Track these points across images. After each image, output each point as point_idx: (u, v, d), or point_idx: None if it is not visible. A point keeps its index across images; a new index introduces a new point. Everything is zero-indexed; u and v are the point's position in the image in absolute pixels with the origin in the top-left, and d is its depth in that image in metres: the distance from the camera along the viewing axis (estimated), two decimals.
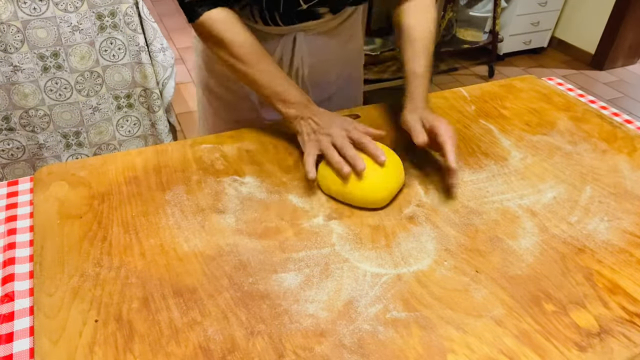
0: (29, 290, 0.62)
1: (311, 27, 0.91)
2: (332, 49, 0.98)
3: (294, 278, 0.62)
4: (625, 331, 0.57)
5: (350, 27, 0.99)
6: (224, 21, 0.80)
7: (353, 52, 1.05)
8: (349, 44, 1.01)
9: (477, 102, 1.02)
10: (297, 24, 0.90)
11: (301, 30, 0.91)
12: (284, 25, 0.89)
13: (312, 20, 0.90)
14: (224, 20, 0.80)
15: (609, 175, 0.82)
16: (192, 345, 0.54)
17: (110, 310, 0.58)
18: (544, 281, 0.63)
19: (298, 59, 0.94)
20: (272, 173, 0.80)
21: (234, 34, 0.80)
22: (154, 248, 0.66)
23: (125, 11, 1.58)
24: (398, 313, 0.58)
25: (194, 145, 0.86)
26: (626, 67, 3.32)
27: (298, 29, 0.91)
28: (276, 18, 0.88)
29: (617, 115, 1.02)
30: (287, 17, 0.88)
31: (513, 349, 0.55)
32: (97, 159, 0.82)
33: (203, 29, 0.81)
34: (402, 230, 0.70)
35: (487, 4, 3.06)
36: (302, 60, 0.95)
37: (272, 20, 0.88)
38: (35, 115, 1.63)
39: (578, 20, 3.31)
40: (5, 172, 1.73)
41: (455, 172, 0.74)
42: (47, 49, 1.54)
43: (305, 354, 0.54)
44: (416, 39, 0.86)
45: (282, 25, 0.89)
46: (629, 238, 0.70)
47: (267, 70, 0.81)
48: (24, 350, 0.55)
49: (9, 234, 0.70)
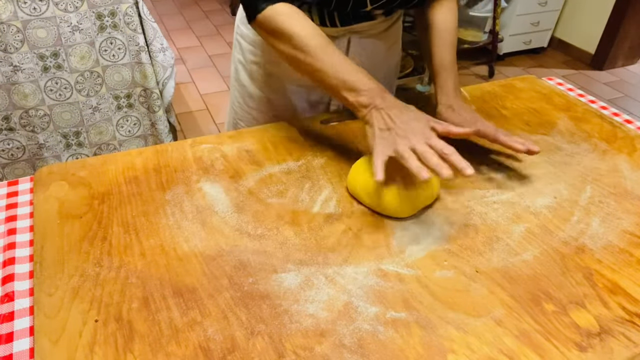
0: (29, 290, 0.62)
1: (365, 29, 0.93)
2: (380, 53, 1.00)
3: (294, 278, 0.62)
4: (625, 331, 0.57)
5: (395, 33, 1.02)
6: (288, 14, 0.78)
7: (394, 59, 1.07)
8: (392, 50, 1.04)
9: (477, 102, 1.02)
10: (353, 25, 0.91)
11: (355, 33, 0.92)
12: (340, 26, 0.90)
13: (367, 22, 0.92)
14: (288, 13, 0.78)
15: (609, 175, 0.82)
16: (192, 345, 0.54)
17: (110, 310, 0.58)
18: (544, 281, 0.63)
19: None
20: (272, 173, 0.80)
21: (299, 26, 0.78)
22: (154, 248, 0.66)
23: (125, 11, 1.58)
24: (398, 313, 0.58)
25: (194, 145, 0.86)
26: (626, 67, 3.32)
27: (352, 30, 0.92)
28: (335, 18, 0.88)
29: (617, 115, 1.02)
30: (346, 17, 0.89)
31: (513, 349, 0.55)
32: (97, 159, 0.82)
33: (266, 23, 0.79)
34: (402, 230, 0.70)
35: (487, 4, 3.06)
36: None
37: (330, 20, 0.89)
38: (35, 115, 1.63)
39: (578, 20, 3.31)
40: (5, 172, 1.73)
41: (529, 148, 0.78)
42: (47, 49, 1.54)
43: (305, 354, 0.54)
44: (444, 30, 0.88)
45: (339, 26, 0.90)
46: (629, 238, 0.70)
47: (335, 59, 0.77)
48: (24, 350, 0.55)
49: (9, 234, 0.70)
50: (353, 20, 0.90)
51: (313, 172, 0.81)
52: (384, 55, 1.02)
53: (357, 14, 0.90)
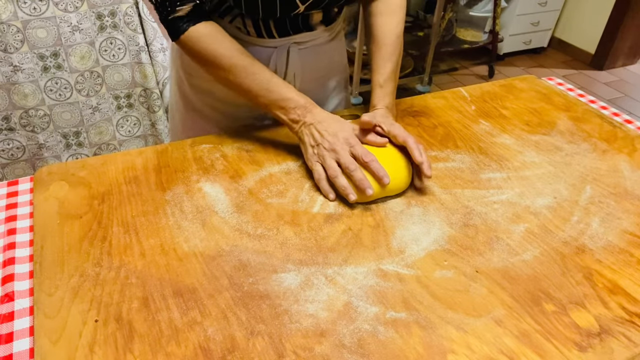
0: (29, 290, 0.62)
1: (305, 40, 0.90)
2: (323, 65, 0.97)
3: (294, 278, 0.62)
4: (625, 331, 0.57)
5: (338, 46, 0.99)
6: (210, 34, 0.78)
7: (340, 64, 1.05)
8: (336, 57, 1.01)
9: (477, 102, 1.02)
10: (292, 35, 0.88)
11: (295, 43, 0.89)
12: (279, 36, 0.87)
13: (307, 32, 0.89)
14: (210, 34, 0.78)
15: (609, 175, 0.82)
16: (192, 345, 0.54)
17: (110, 310, 0.58)
18: (544, 281, 0.63)
19: (291, 73, 0.92)
20: (272, 173, 0.80)
21: (223, 47, 0.78)
22: (154, 248, 0.66)
23: (125, 11, 1.58)
24: (398, 313, 0.58)
25: (194, 145, 0.86)
26: (626, 67, 3.32)
27: (292, 41, 0.89)
28: (271, 28, 0.86)
29: (617, 115, 1.02)
30: (282, 26, 0.86)
31: (513, 349, 0.55)
32: (97, 159, 0.82)
33: (189, 45, 0.79)
34: (402, 230, 0.70)
35: (487, 4, 3.06)
36: (295, 75, 0.93)
37: (267, 31, 0.86)
38: (35, 115, 1.63)
39: (578, 20, 3.32)
40: (5, 172, 1.73)
41: (424, 163, 0.74)
42: (47, 49, 1.54)
43: (305, 354, 0.54)
44: (383, 44, 0.87)
45: (277, 37, 0.87)
46: (629, 238, 0.70)
47: (262, 77, 0.79)
48: (24, 350, 0.55)
49: (9, 234, 0.70)
50: (291, 30, 0.87)
51: None
52: (329, 62, 0.99)
53: (294, 24, 0.87)
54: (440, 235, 0.70)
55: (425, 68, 2.84)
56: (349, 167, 0.73)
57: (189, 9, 0.77)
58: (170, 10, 0.77)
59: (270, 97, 0.79)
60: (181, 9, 0.76)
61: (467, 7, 3.11)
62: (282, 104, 0.79)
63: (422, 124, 0.95)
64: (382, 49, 0.87)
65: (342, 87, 1.07)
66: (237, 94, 0.83)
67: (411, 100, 1.02)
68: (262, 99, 0.80)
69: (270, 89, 0.79)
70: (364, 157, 0.74)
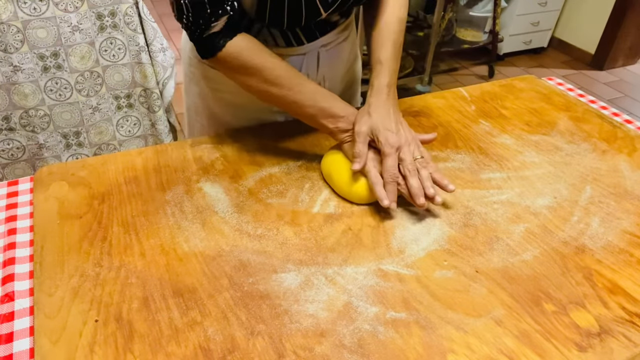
0: (29, 290, 0.62)
1: (331, 40, 0.89)
2: (343, 61, 0.97)
3: (294, 278, 0.62)
4: (625, 331, 0.57)
5: (351, 36, 0.99)
6: (250, 47, 0.74)
7: (356, 65, 1.05)
8: (354, 49, 1.02)
9: (477, 102, 1.02)
10: (319, 38, 0.87)
11: (323, 46, 0.89)
12: (307, 42, 0.86)
13: (331, 31, 0.88)
14: (250, 47, 0.74)
15: (609, 175, 0.82)
16: (192, 345, 0.54)
17: (110, 310, 0.58)
18: (544, 281, 0.63)
19: (321, 76, 0.92)
20: (272, 173, 0.80)
21: (264, 59, 0.75)
22: (154, 248, 0.66)
23: (125, 11, 1.58)
24: (398, 313, 0.58)
25: (194, 145, 0.86)
26: (626, 67, 3.32)
27: (319, 44, 0.88)
28: (299, 36, 0.84)
29: (617, 115, 1.02)
30: (309, 31, 0.85)
31: (513, 349, 0.55)
32: (97, 159, 0.82)
33: (229, 60, 0.74)
34: (402, 230, 0.70)
35: (487, 4, 3.06)
36: (324, 76, 0.93)
37: (295, 39, 0.84)
38: (35, 115, 1.63)
39: (578, 20, 3.31)
40: (5, 172, 1.73)
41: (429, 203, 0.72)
42: (47, 49, 1.54)
43: (305, 354, 0.54)
44: (382, 27, 0.83)
45: (306, 42, 0.86)
46: (629, 238, 0.70)
47: (308, 88, 0.77)
48: (24, 350, 0.55)
49: (9, 234, 0.70)
50: (319, 33, 0.86)
51: (313, 172, 0.81)
52: (347, 63, 0.99)
53: (320, 26, 0.86)
54: (440, 235, 0.70)
55: (425, 68, 2.84)
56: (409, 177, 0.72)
57: (224, 24, 0.72)
58: (204, 28, 0.72)
59: (319, 105, 0.77)
60: (216, 24, 0.72)
61: (467, 7, 3.10)
62: (331, 111, 0.77)
63: (422, 124, 0.95)
64: (383, 30, 0.83)
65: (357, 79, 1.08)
66: (279, 106, 0.81)
67: (411, 100, 1.02)
68: (310, 109, 0.77)
69: (318, 98, 0.77)
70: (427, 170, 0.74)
